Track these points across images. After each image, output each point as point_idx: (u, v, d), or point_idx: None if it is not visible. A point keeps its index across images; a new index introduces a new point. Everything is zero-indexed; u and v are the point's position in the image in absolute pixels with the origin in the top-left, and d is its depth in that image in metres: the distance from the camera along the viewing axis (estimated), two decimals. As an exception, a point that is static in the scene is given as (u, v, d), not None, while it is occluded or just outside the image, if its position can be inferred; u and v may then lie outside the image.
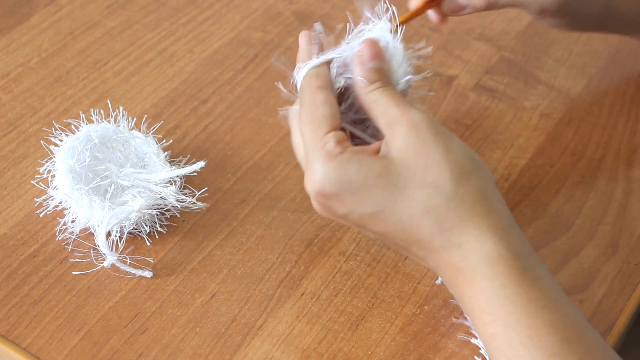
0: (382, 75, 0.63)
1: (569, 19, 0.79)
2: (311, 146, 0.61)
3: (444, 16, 0.79)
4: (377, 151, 0.61)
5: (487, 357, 0.65)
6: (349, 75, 0.64)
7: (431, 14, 0.79)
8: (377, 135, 0.65)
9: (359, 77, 0.63)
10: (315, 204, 0.63)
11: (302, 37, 0.66)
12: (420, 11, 0.76)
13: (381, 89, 0.62)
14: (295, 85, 0.65)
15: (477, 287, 0.59)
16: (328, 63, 0.65)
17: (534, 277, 0.58)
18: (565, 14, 0.78)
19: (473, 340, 0.67)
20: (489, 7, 0.78)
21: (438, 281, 0.70)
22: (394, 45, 0.64)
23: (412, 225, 0.59)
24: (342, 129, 0.63)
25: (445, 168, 0.59)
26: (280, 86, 0.66)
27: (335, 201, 0.60)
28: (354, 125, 0.66)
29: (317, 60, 0.64)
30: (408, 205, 0.59)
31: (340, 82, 0.65)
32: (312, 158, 0.61)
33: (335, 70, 0.65)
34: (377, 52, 0.63)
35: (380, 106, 0.62)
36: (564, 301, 0.59)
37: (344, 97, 0.66)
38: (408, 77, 0.64)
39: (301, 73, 0.64)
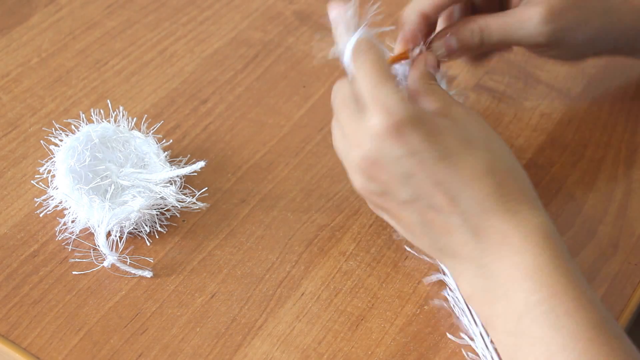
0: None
1: (565, 48, 0.76)
2: (384, 87, 0.61)
3: (437, 63, 0.74)
4: None
5: (487, 356, 0.65)
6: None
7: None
8: None
9: (424, 70, 0.68)
10: (368, 146, 0.61)
11: (338, 7, 0.66)
12: (404, 56, 0.72)
13: (439, 87, 0.67)
14: (345, 44, 0.65)
15: (526, 254, 0.60)
16: None
17: (572, 259, 0.61)
18: (560, 44, 0.75)
19: (471, 343, 0.67)
20: (481, 45, 0.73)
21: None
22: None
23: (474, 180, 0.61)
24: None
25: (503, 145, 0.64)
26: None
27: (407, 137, 0.60)
28: None
29: (370, 31, 0.65)
30: (475, 160, 0.61)
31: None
32: (386, 95, 0.61)
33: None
34: (437, 67, 0.69)
35: (439, 94, 0.65)
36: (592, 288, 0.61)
37: None
38: None
39: (359, 32, 0.64)
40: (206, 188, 0.75)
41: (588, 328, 0.58)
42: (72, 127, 0.77)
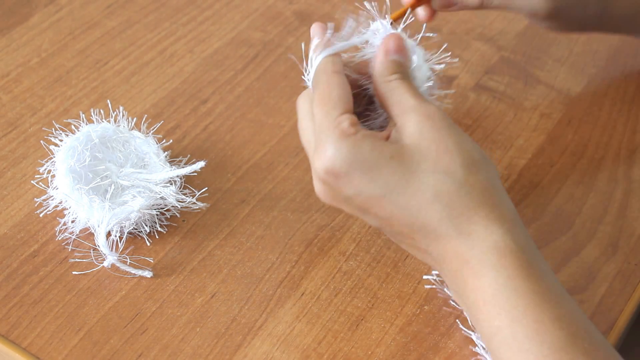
0: (403, 68, 0.65)
1: (561, 22, 0.80)
2: (324, 125, 0.61)
3: (432, 13, 0.78)
4: (388, 137, 0.62)
5: (487, 355, 0.65)
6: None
7: (419, 11, 0.78)
8: (384, 128, 0.67)
9: (381, 65, 0.64)
10: (319, 186, 0.63)
11: (316, 28, 0.66)
12: (413, 7, 0.75)
13: (400, 80, 0.64)
14: (309, 72, 0.65)
15: (483, 279, 0.58)
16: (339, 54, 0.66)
17: (540, 271, 0.59)
18: (558, 17, 0.79)
19: (473, 338, 0.67)
20: (480, 6, 0.77)
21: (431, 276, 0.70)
22: (413, 47, 0.66)
23: (421, 210, 0.59)
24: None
25: (458, 156, 0.60)
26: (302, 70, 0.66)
27: (344, 180, 0.60)
28: (363, 117, 0.67)
29: (334, 48, 0.65)
30: (418, 189, 0.59)
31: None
32: (324, 137, 0.61)
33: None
34: (402, 47, 0.65)
35: (396, 95, 0.63)
36: (567, 297, 0.59)
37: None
38: (428, 83, 0.67)
39: (317, 59, 0.64)
40: (206, 188, 0.75)
41: (552, 350, 0.56)
42: (72, 127, 0.77)
